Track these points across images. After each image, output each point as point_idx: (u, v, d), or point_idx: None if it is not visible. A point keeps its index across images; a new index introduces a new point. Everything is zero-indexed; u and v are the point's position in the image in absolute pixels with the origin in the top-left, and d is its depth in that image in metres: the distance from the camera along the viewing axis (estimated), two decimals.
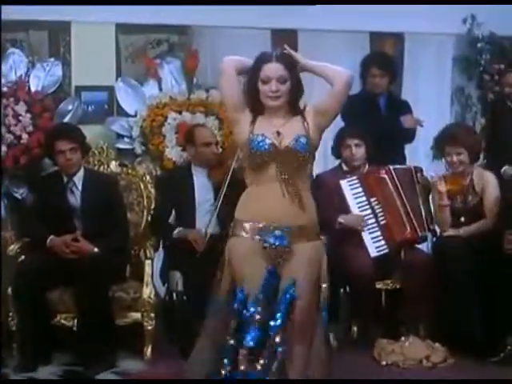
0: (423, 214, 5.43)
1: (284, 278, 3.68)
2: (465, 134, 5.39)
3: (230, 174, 5.06)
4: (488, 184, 5.32)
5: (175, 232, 5.20)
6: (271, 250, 3.67)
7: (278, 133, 3.71)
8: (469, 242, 5.16)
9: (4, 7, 5.54)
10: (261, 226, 3.68)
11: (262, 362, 3.62)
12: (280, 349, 3.64)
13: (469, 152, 5.27)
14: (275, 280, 3.68)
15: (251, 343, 3.61)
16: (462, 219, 5.31)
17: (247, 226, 3.71)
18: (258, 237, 3.68)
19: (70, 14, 5.90)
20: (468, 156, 5.28)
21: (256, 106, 3.77)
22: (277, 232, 3.67)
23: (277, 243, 3.67)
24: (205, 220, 5.26)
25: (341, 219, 5.29)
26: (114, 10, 5.85)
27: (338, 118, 5.45)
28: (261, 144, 3.68)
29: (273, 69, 3.68)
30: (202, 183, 5.35)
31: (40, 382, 4.72)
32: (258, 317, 3.63)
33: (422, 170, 5.63)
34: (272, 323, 3.64)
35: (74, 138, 5.16)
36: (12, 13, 5.66)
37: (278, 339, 3.63)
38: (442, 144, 5.39)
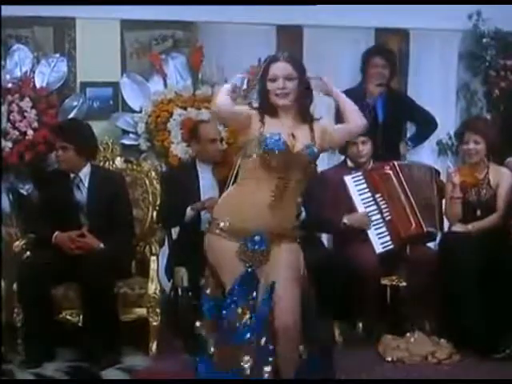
0: (436, 215, 5.42)
1: (263, 279, 3.71)
2: (486, 125, 5.46)
3: (236, 170, 5.06)
4: (503, 180, 5.33)
5: (188, 209, 5.19)
6: (250, 254, 3.71)
7: (293, 135, 3.74)
8: (475, 238, 5.16)
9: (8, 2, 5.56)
10: (239, 228, 3.72)
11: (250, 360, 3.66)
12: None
13: (486, 143, 5.28)
14: (253, 281, 3.71)
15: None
16: (478, 213, 5.31)
17: (225, 225, 3.74)
18: (235, 239, 3.72)
19: (75, 10, 5.90)
20: (485, 147, 5.28)
21: (266, 107, 3.81)
22: (256, 237, 3.70)
23: (256, 247, 3.71)
24: (209, 216, 5.25)
25: (345, 220, 5.28)
26: (119, 6, 5.84)
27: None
28: (277, 143, 3.70)
29: (280, 67, 3.75)
30: (206, 179, 5.34)
31: (44, 381, 4.72)
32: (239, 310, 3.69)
33: (439, 174, 5.62)
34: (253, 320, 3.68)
35: (65, 136, 5.13)
36: (17, 9, 5.66)
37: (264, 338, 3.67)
38: (462, 132, 5.43)
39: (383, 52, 6.17)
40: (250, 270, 3.70)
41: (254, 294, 3.69)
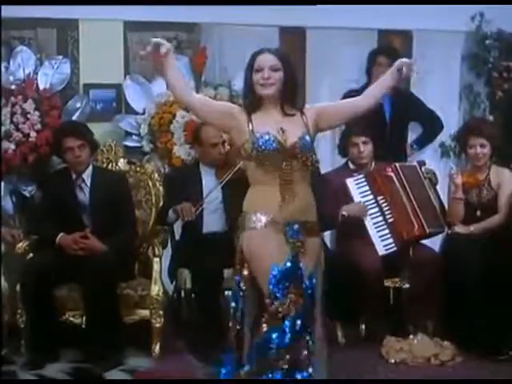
0: (437, 207, 5.43)
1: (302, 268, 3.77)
2: (489, 127, 5.46)
3: (235, 170, 5.07)
4: (504, 181, 5.33)
5: (170, 211, 5.18)
6: (291, 244, 3.74)
7: (282, 129, 3.78)
8: (477, 239, 5.15)
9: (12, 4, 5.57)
10: (278, 219, 3.73)
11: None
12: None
13: (491, 145, 5.29)
14: (297, 271, 3.74)
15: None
16: (478, 213, 5.31)
17: (262, 218, 3.75)
18: (273, 230, 3.73)
19: (78, 12, 5.91)
20: (490, 149, 5.29)
21: (252, 98, 3.85)
22: (295, 226, 3.74)
23: (294, 237, 3.74)
24: (212, 218, 5.27)
25: (343, 211, 5.28)
26: (122, 8, 5.85)
27: None
28: (268, 143, 3.74)
29: (265, 58, 3.82)
30: (209, 182, 5.34)
31: (47, 381, 4.73)
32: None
33: (424, 163, 5.64)
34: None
35: (81, 134, 5.19)
36: (20, 11, 5.67)
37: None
38: (466, 136, 5.40)
39: (388, 51, 6.16)
40: (292, 260, 3.72)
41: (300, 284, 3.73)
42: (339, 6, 6.08)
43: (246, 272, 3.79)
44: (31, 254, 5.15)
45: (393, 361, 4.94)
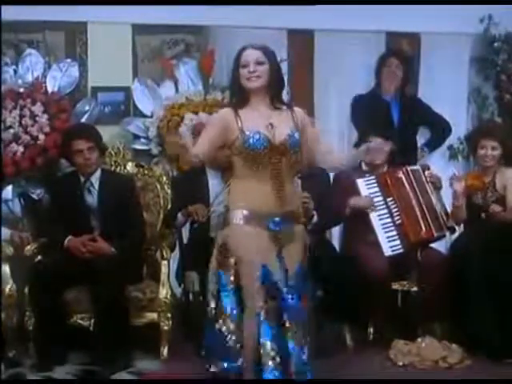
0: (438, 212, 5.43)
1: (287, 260, 3.85)
2: (503, 130, 5.44)
3: None
4: (510, 182, 5.30)
5: (179, 215, 5.20)
6: (274, 236, 3.83)
7: (272, 125, 3.85)
8: (485, 241, 5.14)
9: (20, 7, 5.58)
10: (259, 213, 3.82)
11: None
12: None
13: (503, 148, 5.28)
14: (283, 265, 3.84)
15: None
16: (483, 215, 5.29)
17: (243, 213, 3.84)
18: (257, 224, 3.82)
19: (87, 15, 5.92)
20: (501, 152, 5.28)
21: (239, 94, 3.93)
22: (276, 219, 3.82)
23: (277, 229, 3.82)
24: (219, 221, 5.26)
25: (351, 203, 5.33)
26: (131, 11, 5.86)
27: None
28: (258, 142, 3.83)
29: (250, 53, 3.95)
30: (216, 185, 5.34)
31: (56, 381, 4.73)
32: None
33: (429, 168, 5.64)
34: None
35: (91, 137, 5.20)
36: (28, 13, 5.69)
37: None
38: (478, 137, 5.40)
39: (398, 53, 6.24)
40: (279, 254, 3.83)
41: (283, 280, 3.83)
42: (347, 9, 6.08)
43: (232, 269, 3.86)
44: (39, 257, 5.17)
45: (401, 364, 4.94)
